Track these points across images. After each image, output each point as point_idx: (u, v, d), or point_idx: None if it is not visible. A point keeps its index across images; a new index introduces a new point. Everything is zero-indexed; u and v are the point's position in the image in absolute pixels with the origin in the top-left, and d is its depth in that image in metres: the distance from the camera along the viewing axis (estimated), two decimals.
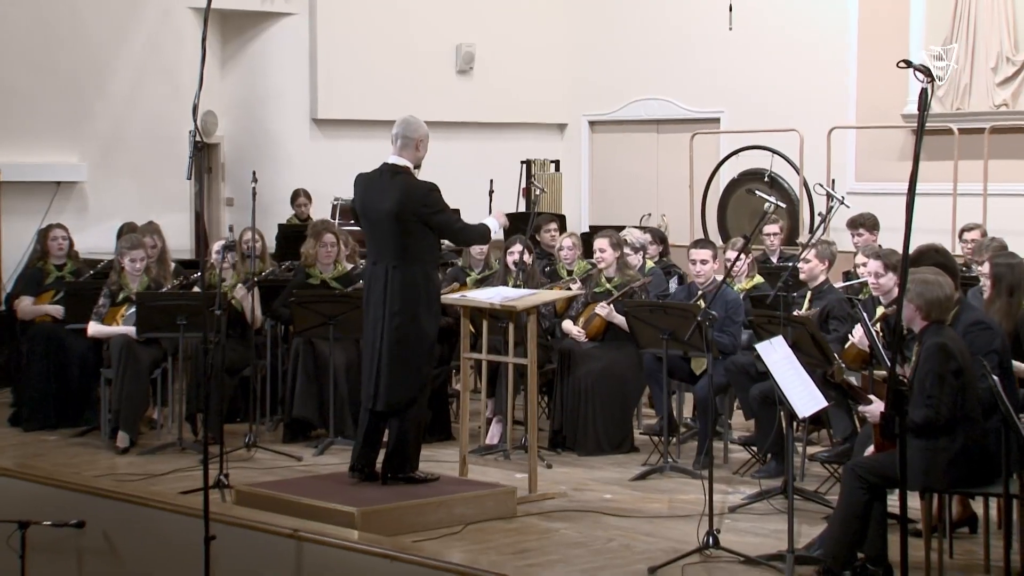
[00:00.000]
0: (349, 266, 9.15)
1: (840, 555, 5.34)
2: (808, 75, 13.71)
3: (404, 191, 6.59)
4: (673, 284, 9.31)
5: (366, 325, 6.74)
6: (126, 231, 9.32)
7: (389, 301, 6.60)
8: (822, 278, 7.61)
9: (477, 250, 9.01)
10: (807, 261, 7.57)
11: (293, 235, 10.57)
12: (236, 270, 8.64)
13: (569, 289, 8.79)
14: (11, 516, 6.07)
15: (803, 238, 12.23)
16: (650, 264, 9.24)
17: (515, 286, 7.98)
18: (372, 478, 6.67)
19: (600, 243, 8.29)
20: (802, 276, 7.57)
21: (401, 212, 6.57)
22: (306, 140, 13.81)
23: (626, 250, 8.53)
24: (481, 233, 6.91)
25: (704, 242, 8.05)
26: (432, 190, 6.62)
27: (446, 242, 8.59)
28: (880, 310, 6.83)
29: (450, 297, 7.26)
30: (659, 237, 9.96)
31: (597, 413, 8.02)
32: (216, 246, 8.62)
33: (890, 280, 6.79)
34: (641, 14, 14.97)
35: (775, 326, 6.69)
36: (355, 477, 6.66)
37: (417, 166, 6.77)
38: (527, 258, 8.36)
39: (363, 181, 6.82)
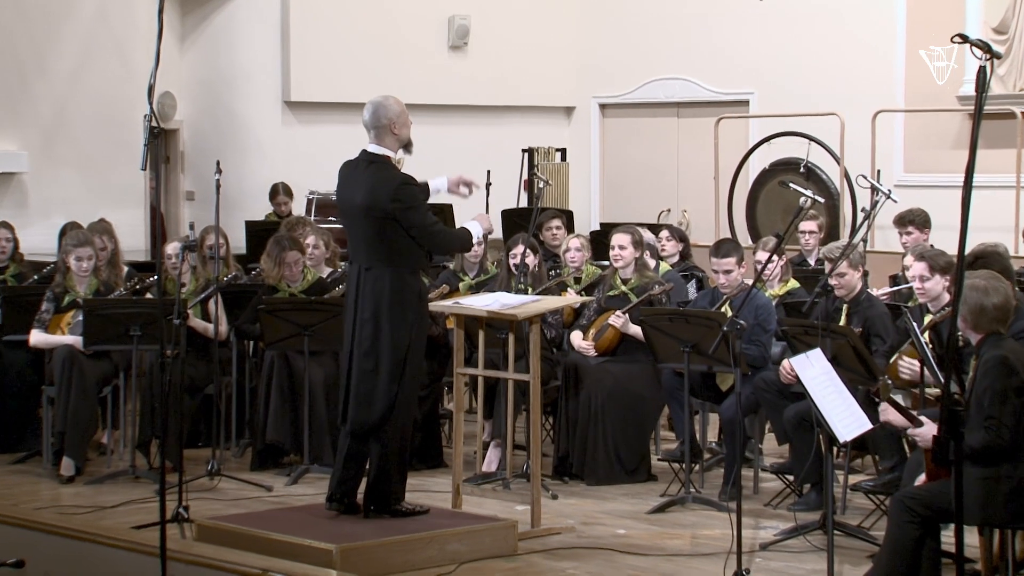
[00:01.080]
0: (327, 271, 9.16)
1: None
2: (850, 51, 13.72)
3: (373, 183, 6.60)
4: (692, 289, 9.32)
5: (345, 331, 6.76)
6: (69, 231, 9.32)
7: (359, 307, 6.62)
8: (859, 287, 7.61)
9: (472, 252, 9.02)
10: (841, 275, 7.56)
11: (263, 236, 10.56)
12: (197, 274, 8.65)
13: (563, 288, 8.81)
14: None
15: (844, 237, 12.25)
16: (665, 268, 9.24)
17: (519, 292, 7.99)
18: (353, 510, 6.66)
19: (620, 239, 8.30)
20: (839, 293, 7.52)
21: (370, 207, 6.59)
22: (277, 125, 13.84)
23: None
24: (460, 239, 6.89)
25: (728, 246, 8.03)
26: (405, 183, 6.62)
27: None
28: (928, 318, 6.84)
29: (441, 304, 7.28)
30: (679, 236, 9.98)
31: (609, 436, 8.02)
32: (174, 246, 8.62)
33: (937, 284, 6.80)
34: None
35: (812, 337, 6.69)
36: (334, 508, 6.66)
37: (405, 147, 6.76)
38: (531, 260, 8.37)
39: (344, 171, 6.85)
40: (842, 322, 7.38)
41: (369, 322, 6.57)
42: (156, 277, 8.57)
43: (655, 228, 10.33)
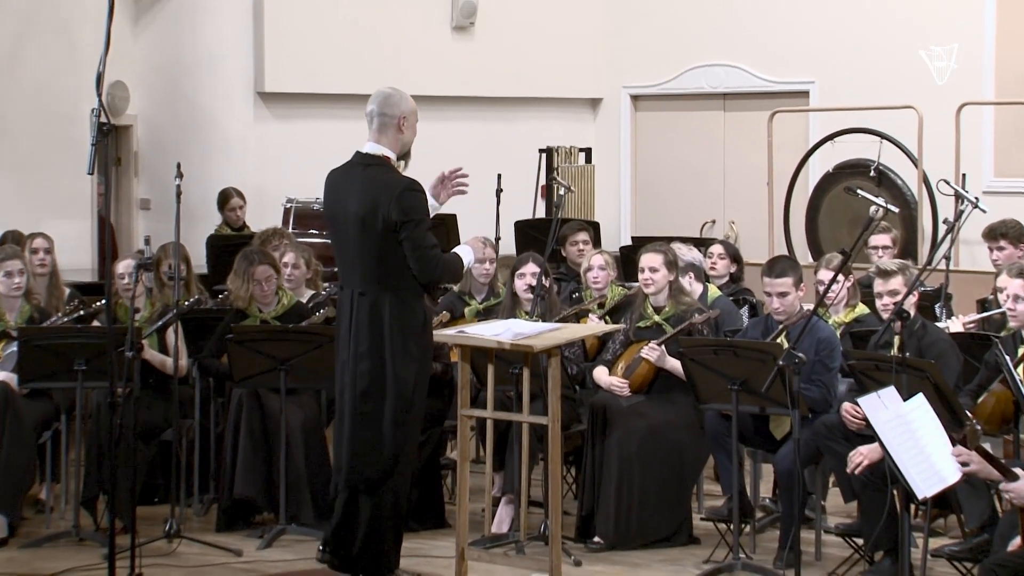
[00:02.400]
0: (307, 293, 9.17)
1: None
2: (930, 32, 13.74)
3: (372, 187, 6.62)
4: (743, 316, 9.32)
5: (336, 371, 6.78)
6: (10, 240, 9.36)
7: (354, 339, 6.64)
8: (912, 314, 7.61)
9: (479, 271, 9.04)
10: (894, 293, 7.57)
11: (229, 251, 10.59)
12: (153, 298, 8.66)
13: (584, 315, 8.80)
14: None
15: (923, 253, 12.24)
16: (715, 293, 9.24)
17: (532, 318, 7.99)
18: (349, 569, 6.72)
19: (650, 259, 8.30)
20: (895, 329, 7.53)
21: (369, 216, 6.61)
22: (248, 121, 13.88)
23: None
24: (454, 269, 6.95)
25: (783, 264, 8.02)
26: (411, 189, 6.66)
27: None
28: (1023, 350, 6.84)
29: (443, 333, 7.28)
30: (732, 254, 9.98)
31: (642, 491, 8.01)
32: (127, 264, 8.64)
33: None
34: None
35: (885, 373, 6.68)
36: (325, 560, 6.72)
37: (403, 155, 6.83)
38: (545, 282, 8.38)
39: (331, 179, 6.88)
40: (894, 352, 7.37)
41: (367, 357, 6.60)
42: (104, 301, 8.57)
43: (702, 243, 10.33)
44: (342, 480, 6.71)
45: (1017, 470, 5.57)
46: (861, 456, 6.86)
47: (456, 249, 7.05)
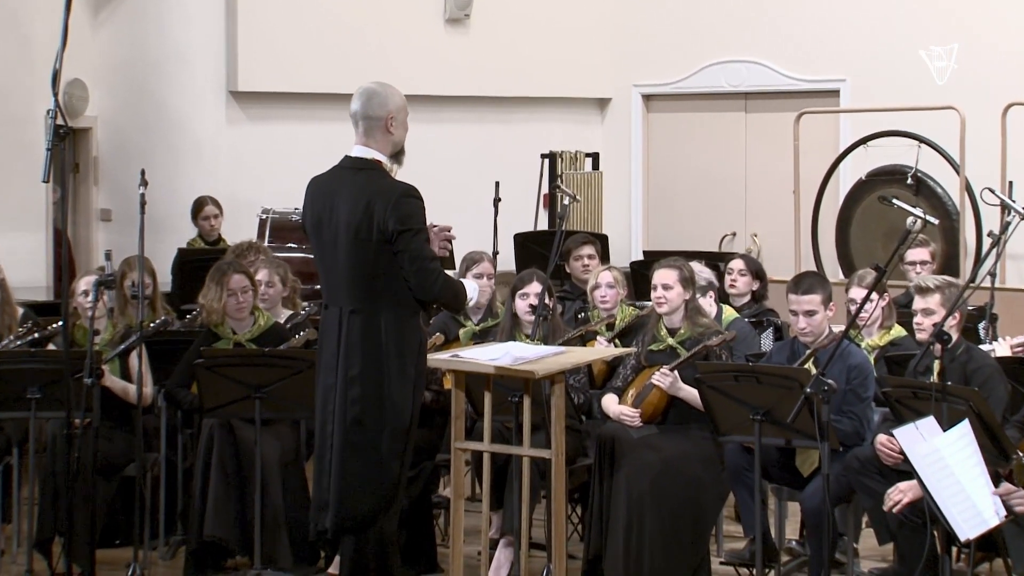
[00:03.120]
0: (284, 313, 9.17)
1: None
2: (972, 25, 13.76)
3: (367, 194, 6.63)
4: (767, 340, 9.32)
5: (317, 398, 6.78)
6: None
7: (344, 362, 6.64)
8: (955, 337, 7.62)
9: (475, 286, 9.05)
10: (928, 312, 7.59)
11: (198, 266, 10.61)
12: (114, 319, 8.66)
13: (590, 338, 8.80)
14: None
15: (966, 269, 12.24)
16: (730, 315, 9.22)
17: (533, 341, 8.00)
18: None
19: (664, 276, 8.31)
20: (921, 337, 7.53)
21: (362, 225, 6.62)
22: (220, 123, 13.90)
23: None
24: (457, 293, 6.99)
25: (811, 281, 8.02)
26: (408, 195, 6.67)
27: None
28: None
29: (436, 358, 7.29)
30: (755, 271, 9.98)
31: (656, 532, 8.01)
32: (87, 282, 8.65)
33: None
34: None
35: (924, 402, 6.68)
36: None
37: (396, 154, 6.83)
38: (548, 301, 8.38)
39: (316, 185, 6.89)
40: (934, 379, 7.36)
41: (360, 381, 6.61)
42: (61, 323, 8.57)
43: (720, 259, 10.32)
44: (330, 519, 6.69)
45: None
46: (900, 493, 6.86)
47: (465, 281, 7.16)
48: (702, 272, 9.11)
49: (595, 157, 15.13)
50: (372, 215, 6.63)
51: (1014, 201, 9.50)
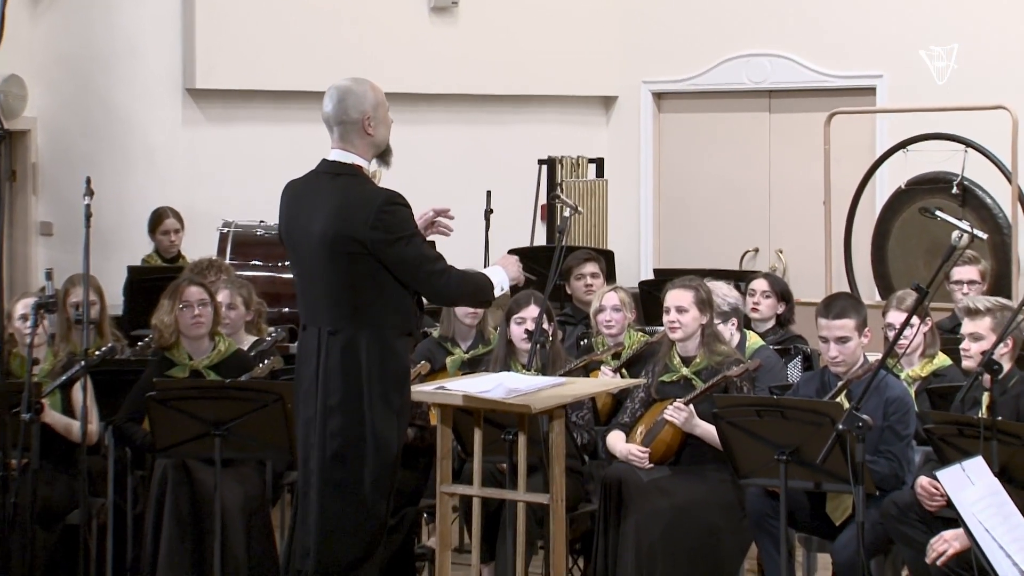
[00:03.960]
0: (247, 339, 9.18)
1: None
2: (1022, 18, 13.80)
3: (341, 203, 6.65)
4: (794, 370, 9.33)
5: (298, 431, 6.81)
6: None
7: (323, 389, 6.66)
8: (1007, 366, 7.63)
9: (465, 311, 9.06)
10: (976, 338, 7.61)
11: (152, 286, 10.60)
12: (56, 346, 8.67)
13: (594, 367, 8.81)
14: None
15: (1019, 290, 12.24)
16: (756, 342, 9.22)
17: (530, 371, 8.01)
18: None
19: (678, 297, 8.32)
20: (967, 364, 7.54)
21: (338, 237, 6.64)
22: (176, 125, 13.90)
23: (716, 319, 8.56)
24: (477, 286, 6.97)
25: (844, 303, 8.01)
26: (392, 203, 6.69)
27: None
28: None
29: (421, 389, 7.31)
30: (781, 292, 9.97)
31: None
32: (24, 304, 8.66)
33: None
34: None
35: (971, 440, 6.69)
36: None
37: (382, 155, 6.84)
38: (547, 326, 8.41)
39: (290, 192, 6.92)
40: (982, 414, 7.38)
41: (339, 412, 6.63)
42: None
43: (741, 278, 10.32)
44: (310, 566, 6.70)
45: None
46: (945, 544, 6.87)
47: (489, 269, 7.11)
48: (727, 295, 9.08)
49: (599, 163, 15.12)
50: (350, 226, 6.65)
51: None
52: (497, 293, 7.08)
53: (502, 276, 7.06)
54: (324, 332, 6.71)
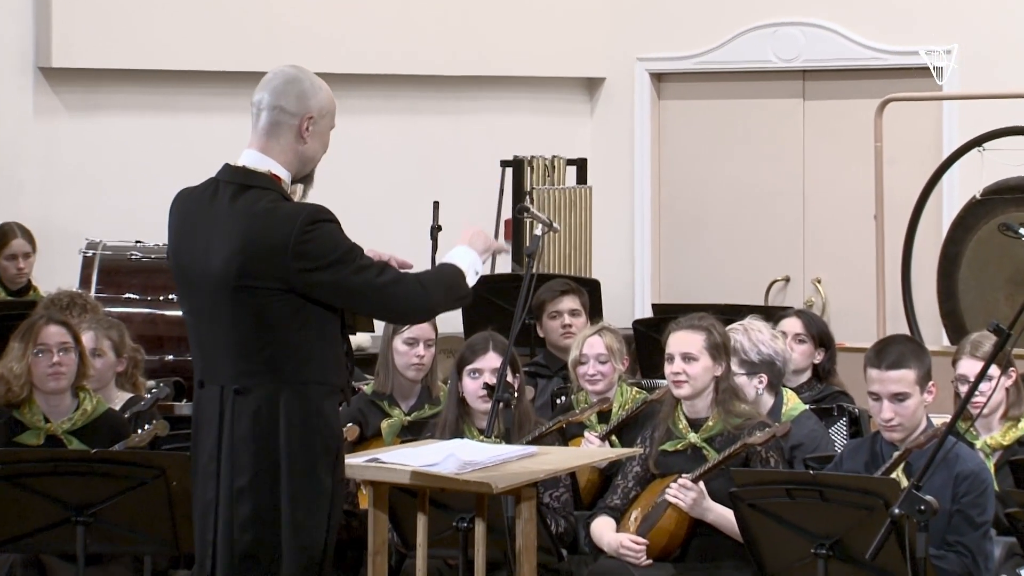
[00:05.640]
0: (119, 397, 9.17)
1: None
2: None
3: (251, 225, 6.63)
4: (837, 436, 9.34)
5: (194, 518, 6.78)
6: None
7: (227, 466, 6.63)
8: None
9: (406, 361, 9.04)
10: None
11: None
12: None
13: (575, 433, 8.83)
14: None
15: None
16: (795, 406, 9.20)
17: (490, 437, 8.02)
18: None
19: (684, 341, 8.37)
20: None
21: (245, 271, 6.61)
22: (25, 114, 13.89)
23: (737, 368, 8.58)
24: (448, 281, 6.87)
25: (900, 349, 8.02)
26: (316, 220, 6.64)
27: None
28: None
29: (349, 462, 7.31)
30: (818, 333, 9.97)
31: None
32: None
33: None
34: None
35: None
36: None
37: (302, 178, 6.80)
38: (511, 379, 8.40)
39: (181, 205, 6.88)
40: None
41: (250, 496, 6.59)
42: None
43: (767, 316, 10.32)
44: None
45: None
46: None
47: (448, 255, 6.96)
48: (762, 342, 9.04)
49: (581, 165, 15.17)
50: (261, 257, 6.58)
51: None
52: (472, 280, 6.94)
53: (472, 257, 6.93)
54: (228, 391, 6.63)
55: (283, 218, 6.62)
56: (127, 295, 11.75)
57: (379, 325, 9.50)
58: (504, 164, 14.60)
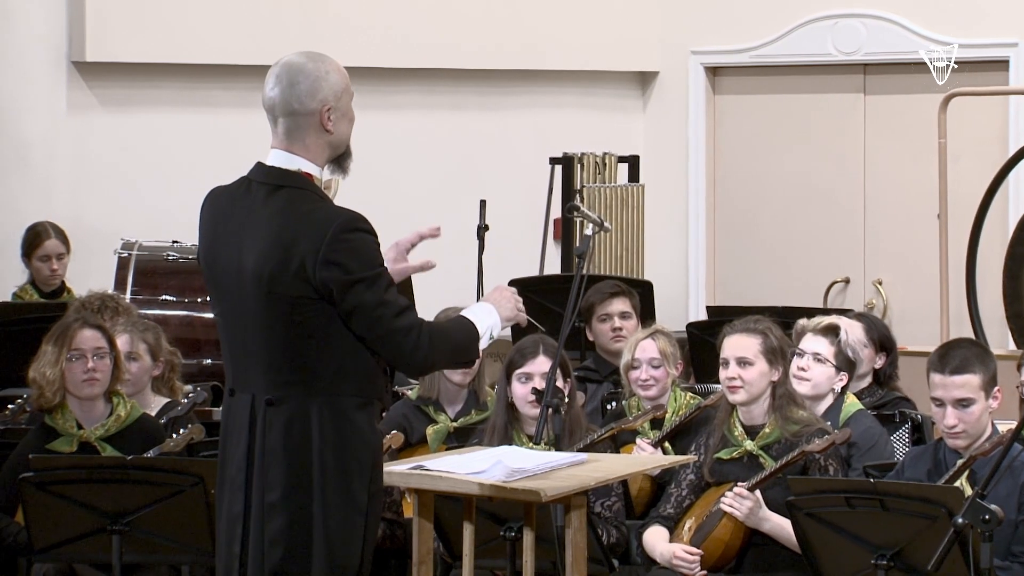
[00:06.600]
0: (156, 402, 9.20)
1: None
2: None
3: (285, 227, 6.61)
4: (898, 443, 9.32)
5: (219, 532, 6.80)
6: None
7: (258, 479, 6.63)
8: None
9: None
10: None
11: (25, 330, 10.61)
12: None
13: (627, 440, 8.83)
14: None
15: None
16: (851, 404, 9.21)
17: (539, 444, 8.02)
18: None
19: (738, 345, 8.39)
20: None
21: (278, 276, 6.59)
22: (59, 111, 13.91)
23: (811, 365, 8.57)
24: (457, 342, 6.84)
25: (964, 354, 7.99)
26: (351, 228, 6.60)
27: None
28: None
29: (392, 470, 7.32)
30: (880, 336, 9.94)
31: None
32: None
33: None
34: None
35: None
36: None
37: (338, 159, 6.77)
38: (561, 384, 8.40)
39: (212, 206, 6.88)
40: None
41: (282, 510, 6.58)
42: None
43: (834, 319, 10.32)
44: None
45: None
46: None
47: (472, 310, 6.94)
48: (856, 338, 9.06)
49: (633, 162, 15.15)
50: (294, 260, 6.52)
51: None
52: (485, 344, 6.93)
53: (493, 319, 6.92)
54: (260, 401, 6.61)
55: (317, 223, 6.56)
56: (163, 297, 11.77)
57: None
58: (553, 161, 14.57)
